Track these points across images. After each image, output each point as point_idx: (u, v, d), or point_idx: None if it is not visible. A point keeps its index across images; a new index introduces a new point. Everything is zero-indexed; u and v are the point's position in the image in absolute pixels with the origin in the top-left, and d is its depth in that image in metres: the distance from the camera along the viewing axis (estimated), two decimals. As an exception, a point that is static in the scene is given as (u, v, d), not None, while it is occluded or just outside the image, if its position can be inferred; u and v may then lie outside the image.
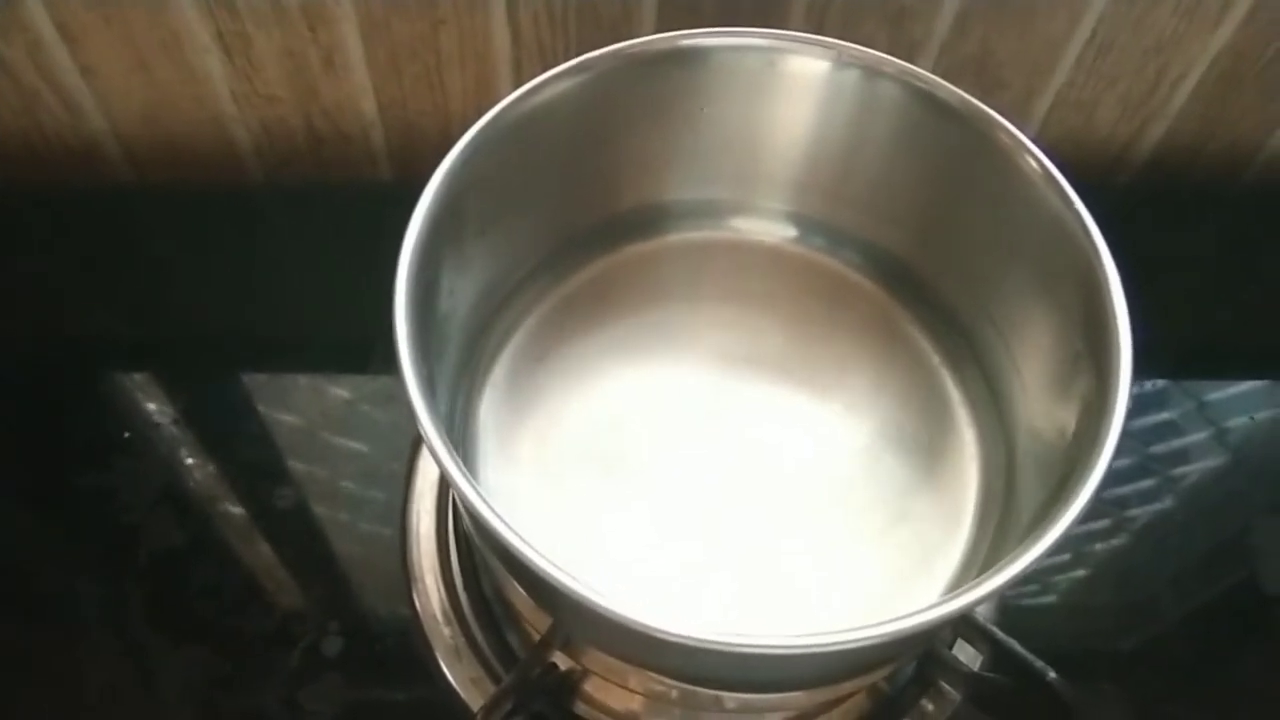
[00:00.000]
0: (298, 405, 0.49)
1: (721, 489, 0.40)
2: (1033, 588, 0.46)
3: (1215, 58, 0.54)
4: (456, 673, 0.41)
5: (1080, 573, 0.47)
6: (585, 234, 0.43)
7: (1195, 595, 0.48)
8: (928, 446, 0.41)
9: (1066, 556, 0.47)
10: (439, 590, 0.43)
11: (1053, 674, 0.36)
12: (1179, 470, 0.50)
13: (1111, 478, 0.30)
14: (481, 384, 0.41)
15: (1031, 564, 0.29)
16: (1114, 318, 0.32)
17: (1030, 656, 0.37)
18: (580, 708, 0.41)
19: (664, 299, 0.44)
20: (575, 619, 0.34)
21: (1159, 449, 0.51)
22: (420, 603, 0.43)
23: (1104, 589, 0.47)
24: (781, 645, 0.27)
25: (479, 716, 0.37)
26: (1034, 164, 0.35)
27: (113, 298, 0.53)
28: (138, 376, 0.50)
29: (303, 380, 0.50)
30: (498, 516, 0.27)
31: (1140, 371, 0.32)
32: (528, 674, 0.39)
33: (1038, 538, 0.29)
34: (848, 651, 0.30)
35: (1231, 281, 0.57)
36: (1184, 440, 0.51)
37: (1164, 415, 0.52)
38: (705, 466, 0.40)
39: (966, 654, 0.42)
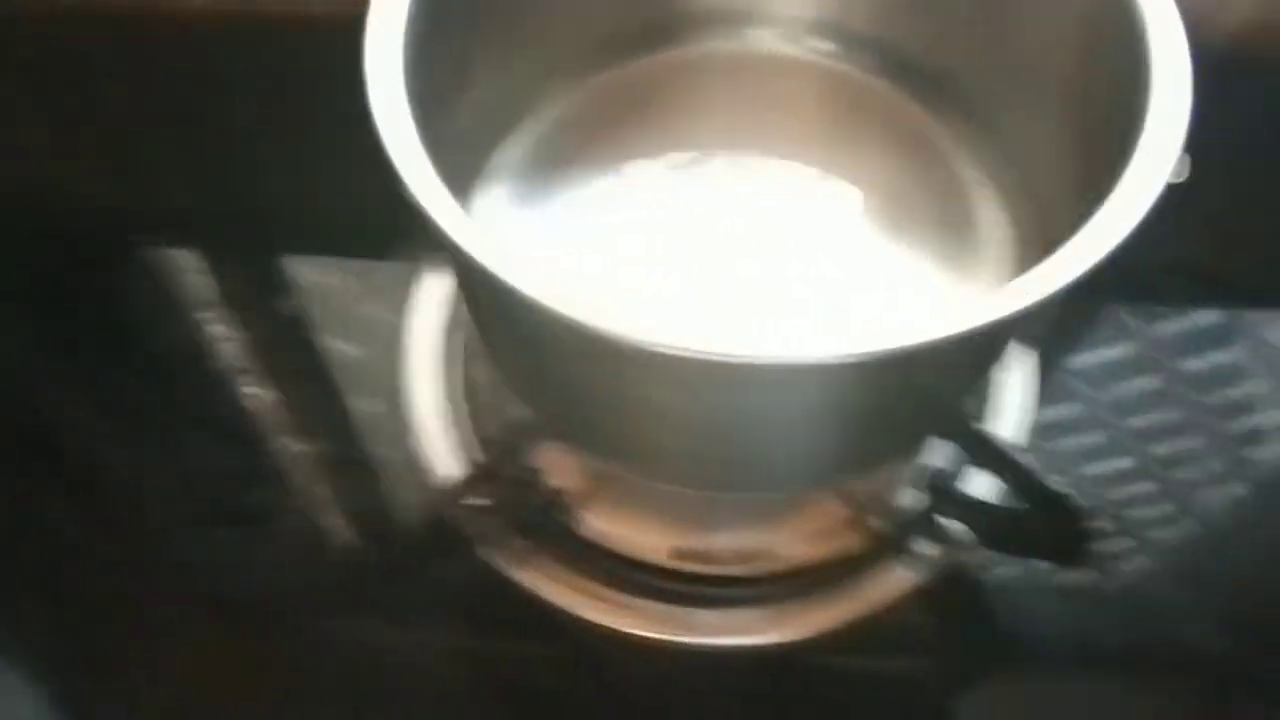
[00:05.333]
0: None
1: (721, 247, 0.38)
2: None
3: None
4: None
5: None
6: (601, 41, 0.41)
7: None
8: (951, 226, 0.39)
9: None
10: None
11: (1074, 496, 0.34)
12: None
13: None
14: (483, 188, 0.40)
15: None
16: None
17: (1047, 483, 0.35)
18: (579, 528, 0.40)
19: (676, 109, 0.42)
20: (551, 364, 0.32)
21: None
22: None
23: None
24: (793, 357, 0.25)
25: (451, 493, 0.36)
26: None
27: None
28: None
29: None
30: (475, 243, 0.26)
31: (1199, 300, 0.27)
32: (504, 461, 0.38)
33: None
34: (884, 363, 0.26)
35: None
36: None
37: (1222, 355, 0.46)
38: (706, 228, 0.39)
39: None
